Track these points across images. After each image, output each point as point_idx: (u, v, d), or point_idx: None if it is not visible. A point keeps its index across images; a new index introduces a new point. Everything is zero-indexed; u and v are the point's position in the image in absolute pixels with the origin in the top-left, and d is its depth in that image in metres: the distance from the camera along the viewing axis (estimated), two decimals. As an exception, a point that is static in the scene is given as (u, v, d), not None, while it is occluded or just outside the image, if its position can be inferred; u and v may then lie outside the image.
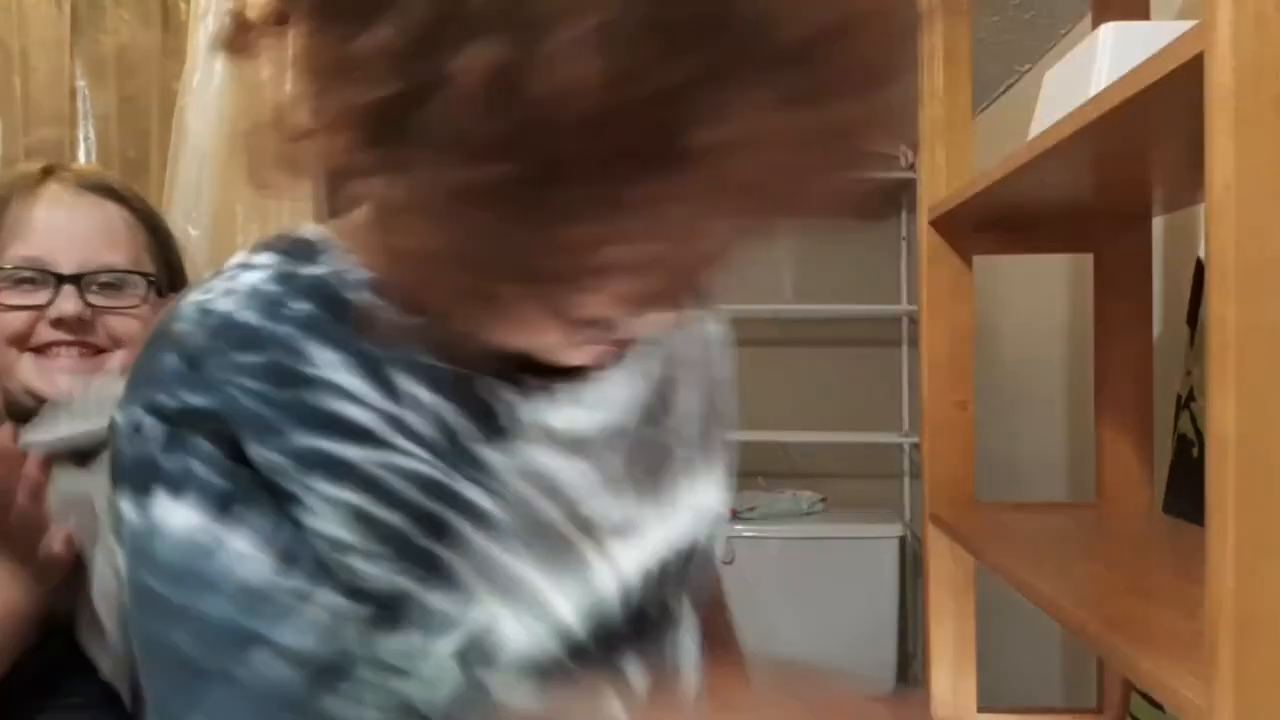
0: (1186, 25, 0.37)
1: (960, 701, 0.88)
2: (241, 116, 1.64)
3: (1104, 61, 0.54)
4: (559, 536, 0.41)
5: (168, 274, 0.75)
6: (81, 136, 1.94)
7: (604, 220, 0.26)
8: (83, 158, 1.94)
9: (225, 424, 0.35)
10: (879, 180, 1.89)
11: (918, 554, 1.96)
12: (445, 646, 0.37)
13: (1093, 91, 0.47)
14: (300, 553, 0.36)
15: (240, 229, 1.78)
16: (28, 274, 0.68)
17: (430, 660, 0.37)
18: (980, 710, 0.89)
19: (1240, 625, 0.33)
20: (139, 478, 0.35)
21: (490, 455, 0.39)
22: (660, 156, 0.24)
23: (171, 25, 1.97)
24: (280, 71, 0.32)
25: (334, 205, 0.43)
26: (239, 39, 0.31)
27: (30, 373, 0.69)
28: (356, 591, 0.36)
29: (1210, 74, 0.34)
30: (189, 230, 1.69)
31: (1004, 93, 1.51)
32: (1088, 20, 0.98)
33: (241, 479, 0.35)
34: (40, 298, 0.68)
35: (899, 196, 1.99)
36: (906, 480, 2.01)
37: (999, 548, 0.71)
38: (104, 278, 0.71)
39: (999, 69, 1.44)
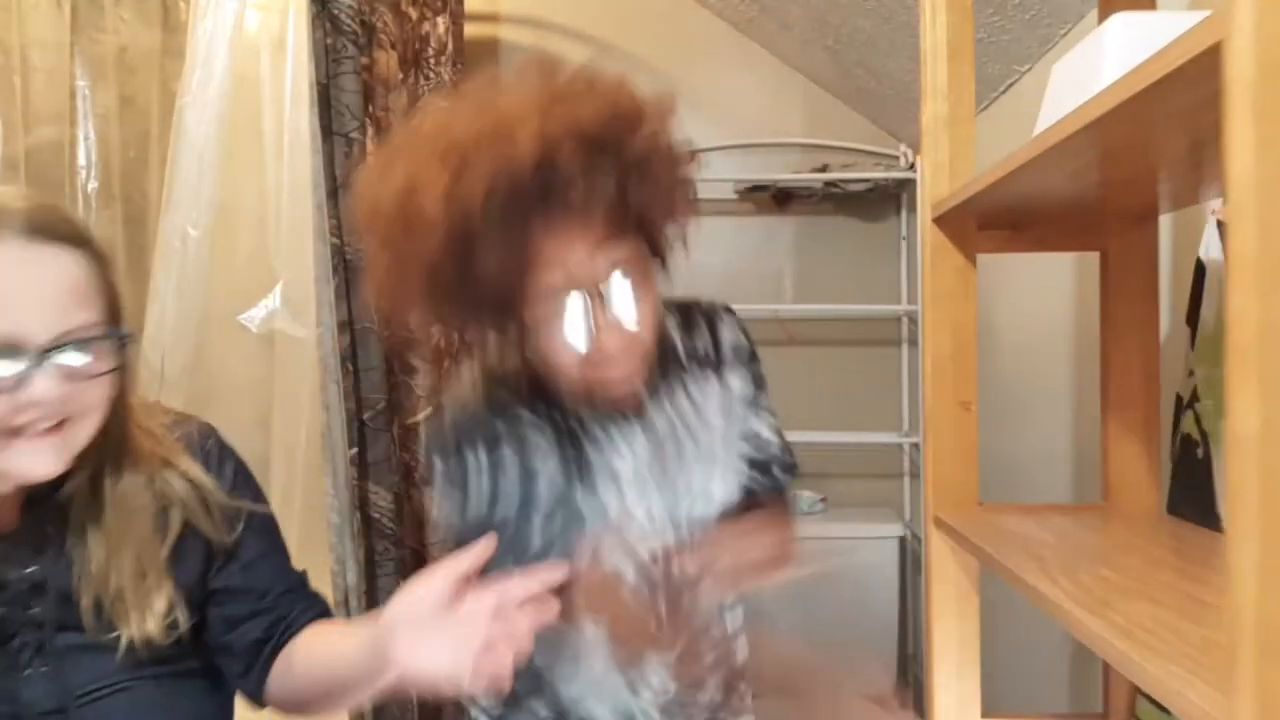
0: (1199, 16, 0.36)
1: (964, 706, 0.87)
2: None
3: (1113, 54, 0.53)
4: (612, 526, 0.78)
5: (114, 309, 0.69)
6: (81, 136, 1.93)
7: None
8: (82, 158, 1.93)
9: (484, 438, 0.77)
10: (879, 180, 1.88)
11: (918, 554, 1.95)
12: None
13: (1102, 85, 0.46)
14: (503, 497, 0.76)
15: (240, 229, 1.77)
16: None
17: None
18: (984, 715, 0.88)
19: (1263, 635, 0.32)
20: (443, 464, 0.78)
21: (580, 458, 0.78)
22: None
23: (171, 25, 1.96)
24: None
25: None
26: None
27: (11, 460, 0.63)
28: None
29: (1230, 64, 0.32)
30: (189, 230, 1.68)
31: (1004, 92, 1.50)
32: (1090, 19, 0.97)
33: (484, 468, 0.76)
34: (7, 381, 0.60)
35: (899, 196, 1.98)
36: (906, 480, 2.00)
37: (1003, 551, 0.70)
38: (74, 342, 0.63)
39: (999, 68, 1.43)
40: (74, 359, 0.63)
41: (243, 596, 0.77)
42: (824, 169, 1.92)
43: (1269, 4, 0.30)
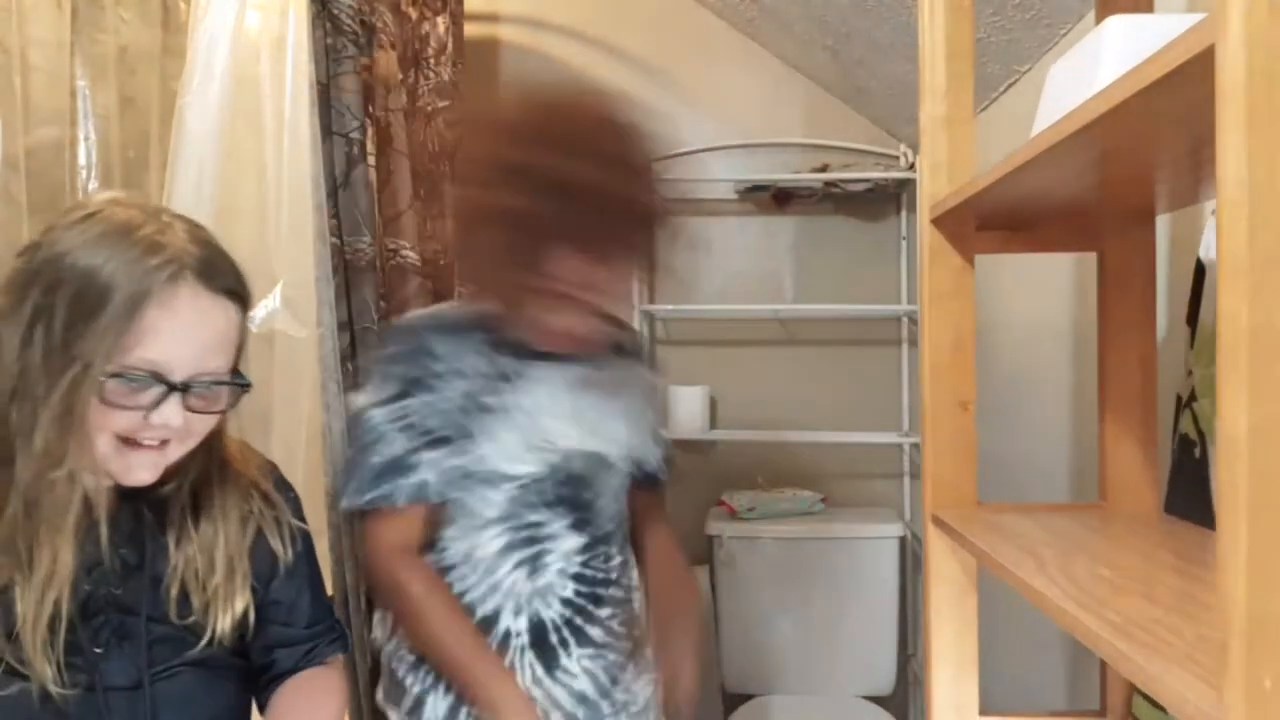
0: (1195, 18, 0.36)
1: (962, 705, 0.87)
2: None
3: (1110, 55, 0.54)
4: (533, 424, 0.97)
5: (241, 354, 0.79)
6: (81, 136, 1.93)
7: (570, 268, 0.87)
8: (83, 158, 1.93)
9: (403, 366, 0.97)
10: (879, 180, 1.89)
11: (918, 554, 1.95)
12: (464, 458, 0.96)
13: (1098, 86, 0.46)
14: (414, 421, 0.95)
15: (240, 229, 1.77)
16: (144, 378, 0.69)
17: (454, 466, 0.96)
18: (982, 714, 0.88)
19: (1252, 630, 0.32)
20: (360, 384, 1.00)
21: (502, 385, 0.97)
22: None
23: (171, 25, 1.96)
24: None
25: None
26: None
27: (120, 464, 0.72)
28: (436, 436, 0.95)
29: (1222, 67, 0.33)
30: (188, 230, 1.68)
31: (1004, 92, 1.50)
32: (1088, 19, 0.98)
33: (401, 386, 0.96)
34: (146, 399, 0.70)
35: (899, 196, 1.98)
36: (906, 480, 2.00)
37: (1001, 549, 0.70)
38: (206, 383, 0.73)
39: (999, 68, 1.43)
40: (201, 397, 0.73)
41: (288, 617, 0.87)
42: (824, 169, 1.92)
43: (1259, 8, 0.30)
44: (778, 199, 1.98)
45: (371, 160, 1.52)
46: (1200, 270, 0.82)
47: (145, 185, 1.97)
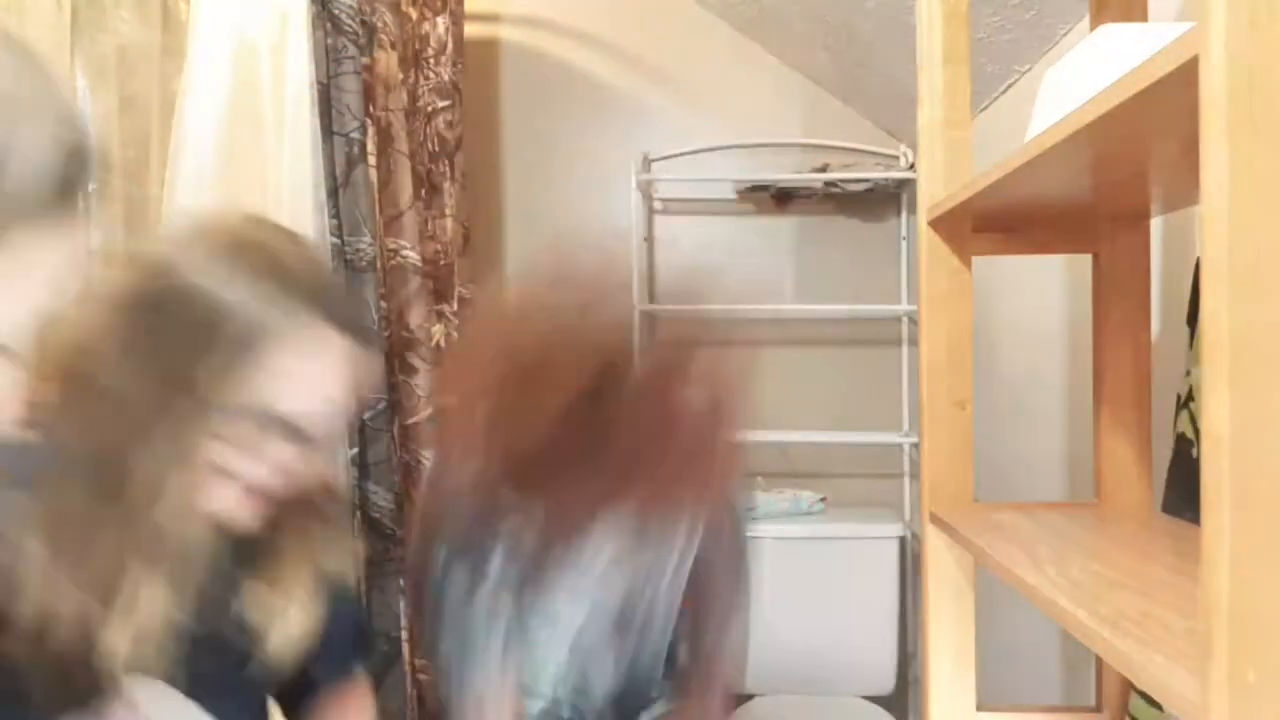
0: (1183, 27, 0.37)
1: (960, 699, 0.88)
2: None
3: (1101, 63, 0.54)
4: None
5: None
6: (82, 136, 1.94)
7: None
8: (83, 157, 1.94)
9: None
10: (879, 180, 1.89)
11: (918, 554, 1.96)
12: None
13: (1090, 93, 0.47)
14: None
15: (240, 229, 1.77)
16: (260, 416, 0.64)
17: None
18: (979, 709, 0.89)
19: (1235, 623, 0.33)
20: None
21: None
22: None
23: (171, 25, 1.97)
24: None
25: None
26: None
27: (222, 502, 0.67)
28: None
29: (1204, 78, 0.34)
30: (189, 230, 1.68)
31: (1004, 93, 1.51)
32: (1087, 20, 0.98)
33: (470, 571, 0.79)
34: (260, 439, 0.65)
35: (899, 196, 1.99)
36: (906, 480, 2.01)
37: (998, 547, 0.71)
38: (321, 421, 0.68)
39: (999, 69, 1.44)
40: (315, 436, 0.68)
41: (331, 631, 0.84)
42: (824, 169, 1.93)
43: (1239, 22, 0.31)
44: (778, 199, 1.99)
45: (372, 160, 1.53)
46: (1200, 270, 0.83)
47: (145, 185, 1.97)
